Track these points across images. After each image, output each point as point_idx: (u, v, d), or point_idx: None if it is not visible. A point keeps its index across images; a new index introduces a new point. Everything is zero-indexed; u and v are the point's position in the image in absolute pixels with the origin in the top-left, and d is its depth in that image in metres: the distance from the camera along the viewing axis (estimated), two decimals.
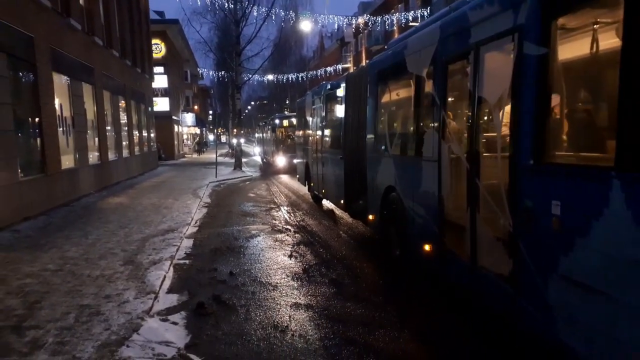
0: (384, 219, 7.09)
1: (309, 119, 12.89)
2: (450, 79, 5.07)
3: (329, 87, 10.38)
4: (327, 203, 11.90)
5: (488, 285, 4.21)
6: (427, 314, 4.96)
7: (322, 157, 11.11)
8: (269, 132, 26.91)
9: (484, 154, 4.37)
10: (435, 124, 5.21)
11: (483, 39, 4.22)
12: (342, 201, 9.28)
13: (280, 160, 22.85)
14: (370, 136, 7.74)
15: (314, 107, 12.14)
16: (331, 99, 10.32)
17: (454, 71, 5.07)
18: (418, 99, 5.87)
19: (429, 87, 5.47)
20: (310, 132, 12.86)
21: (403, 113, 6.97)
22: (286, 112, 39.74)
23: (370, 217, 7.77)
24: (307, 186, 13.59)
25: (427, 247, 5.42)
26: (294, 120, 23.06)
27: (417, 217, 5.76)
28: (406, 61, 6.12)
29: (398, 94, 7.00)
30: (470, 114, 4.47)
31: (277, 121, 24.18)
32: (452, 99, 5.30)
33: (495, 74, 4.16)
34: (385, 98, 7.44)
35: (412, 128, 6.14)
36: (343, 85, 9.19)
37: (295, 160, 17.49)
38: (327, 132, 10.98)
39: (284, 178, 20.42)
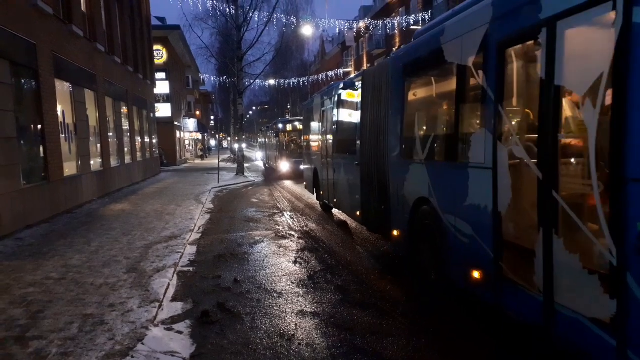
0: (414, 235, 6.14)
1: (318, 122, 11.90)
2: (508, 66, 4.13)
3: (342, 86, 9.38)
4: (338, 213, 11.29)
5: (572, 331, 3.29)
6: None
7: (334, 163, 10.22)
8: (271, 136, 26.52)
9: (566, 160, 3.51)
10: (489, 123, 4.25)
11: (562, 12, 3.32)
12: (357, 213, 8.44)
13: (284, 166, 22.40)
14: (394, 140, 6.77)
15: (323, 109, 11.16)
16: (344, 99, 9.35)
17: (515, 56, 4.15)
18: (462, 94, 4.91)
19: (477, 78, 4.53)
20: (319, 136, 11.82)
21: (439, 111, 5.98)
22: (288, 117, 39.73)
23: (395, 232, 6.81)
24: (315, 194, 12.80)
25: (475, 274, 4.50)
26: (298, 125, 22.47)
27: (462, 236, 4.78)
28: (444, 49, 5.18)
29: (432, 89, 6.03)
30: (543, 109, 3.57)
31: (280, 125, 23.77)
32: (512, 91, 4.31)
33: (582, 57, 3.33)
34: (415, 95, 6.44)
35: (452, 129, 5.09)
36: (359, 83, 8.29)
37: (302, 167, 16.65)
38: (339, 136, 9.94)
39: (288, 184, 20.13)
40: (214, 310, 5.21)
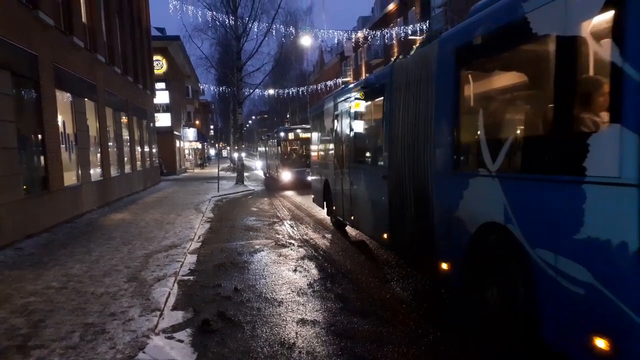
0: (477, 273, 4.64)
1: (330, 128, 10.50)
2: None
3: (364, 84, 8.05)
4: (351, 229, 10.11)
5: None
6: None
7: (351, 175, 8.83)
8: (272, 145, 25.96)
9: None
10: (629, 115, 2.88)
11: None
12: (384, 235, 6.96)
13: (286, 175, 21.82)
14: (441, 146, 5.32)
15: (337, 112, 9.77)
16: (367, 98, 7.99)
17: None
18: (570, 76, 3.41)
19: (601, 51, 3.17)
20: (331, 144, 10.40)
21: (523, 105, 4.39)
22: (287, 126, 39.84)
23: (444, 265, 5.30)
24: (325, 209, 11.60)
25: (601, 343, 3.08)
26: (301, 133, 22.56)
27: (571, 283, 3.33)
28: (529, 19, 3.75)
29: (507, 76, 4.56)
30: None
31: (282, 134, 23.13)
32: None
33: None
34: (478, 85, 5.01)
35: (554, 126, 3.56)
36: (387, 79, 6.83)
37: (309, 177, 15.51)
38: (359, 143, 8.67)
39: (290, 194, 19.50)
40: (215, 318, 5.23)
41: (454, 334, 4.66)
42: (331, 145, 10.45)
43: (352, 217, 8.92)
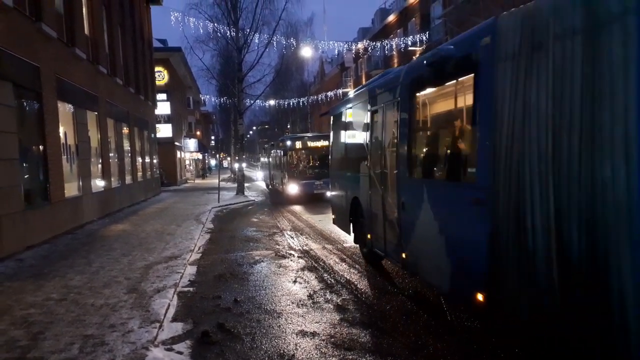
0: None
1: (364, 127, 8.07)
2: None
3: (426, 62, 5.33)
4: (387, 265, 7.70)
5: None
6: None
7: (405, 192, 6.10)
8: (277, 155, 24.30)
9: None
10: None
11: None
12: (478, 296, 4.26)
13: (292, 188, 19.94)
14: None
15: (375, 108, 7.42)
16: (430, 86, 5.63)
17: None
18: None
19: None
20: (365, 148, 7.90)
21: None
22: (287, 134, 39.92)
23: None
24: (352, 234, 9.02)
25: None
26: (309, 141, 20.96)
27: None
28: None
29: None
30: None
31: (288, 142, 21.14)
32: None
33: None
34: None
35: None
36: (486, 47, 4.24)
37: (329, 193, 12.31)
38: (417, 146, 6.07)
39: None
40: (214, 330, 5.22)
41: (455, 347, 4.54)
42: (365, 151, 7.91)
43: (404, 255, 6.14)
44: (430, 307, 5.77)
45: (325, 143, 19.40)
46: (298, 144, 21.03)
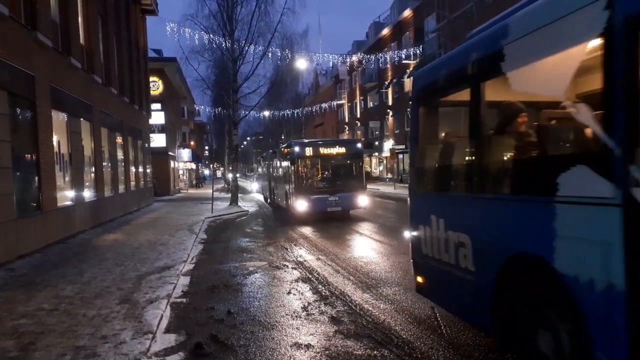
0: None
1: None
2: None
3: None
4: None
5: None
6: None
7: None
8: (279, 165, 21.30)
9: None
10: None
11: None
12: None
13: (301, 205, 16.28)
14: None
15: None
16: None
17: None
18: None
19: None
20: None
21: None
22: (282, 145, 39.85)
23: None
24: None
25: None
26: (323, 148, 17.26)
27: None
28: None
29: None
30: None
31: (297, 149, 17.12)
32: None
33: None
34: None
35: None
36: None
37: (408, 233, 5.83)
38: None
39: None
40: (207, 342, 5.17)
41: None
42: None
43: None
44: None
45: (342, 150, 17.16)
46: (308, 151, 17.15)
